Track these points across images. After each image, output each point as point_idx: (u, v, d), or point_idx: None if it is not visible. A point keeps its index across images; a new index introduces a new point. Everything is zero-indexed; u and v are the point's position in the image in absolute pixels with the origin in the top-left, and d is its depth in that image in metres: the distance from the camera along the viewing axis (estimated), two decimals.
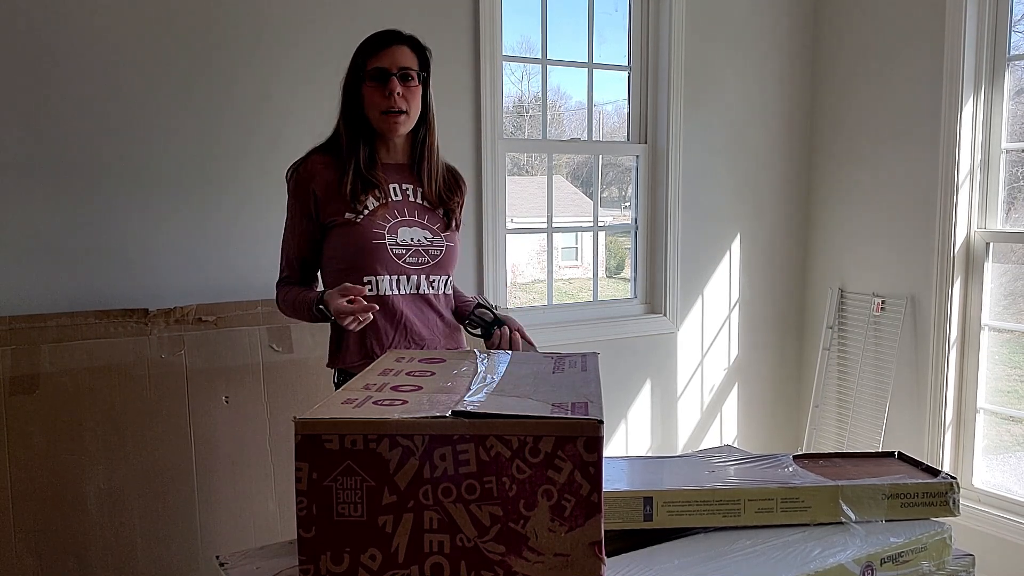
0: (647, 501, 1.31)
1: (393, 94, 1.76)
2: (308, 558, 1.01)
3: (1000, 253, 3.06)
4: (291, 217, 1.86)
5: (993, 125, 3.01)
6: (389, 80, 1.76)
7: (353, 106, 1.82)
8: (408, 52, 1.80)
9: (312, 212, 1.82)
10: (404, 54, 1.79)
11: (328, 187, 1.80)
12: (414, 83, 1.80)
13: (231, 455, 2.26)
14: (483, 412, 1.02)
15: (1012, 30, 2.95)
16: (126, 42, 2.23)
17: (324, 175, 1.81)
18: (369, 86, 1.78)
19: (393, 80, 1.76)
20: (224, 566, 1.26)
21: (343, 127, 1.83)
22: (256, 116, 2.41)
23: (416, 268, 1.82)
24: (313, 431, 1.00)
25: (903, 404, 3.23)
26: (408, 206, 1.85)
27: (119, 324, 2.15)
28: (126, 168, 2.26)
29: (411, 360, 1.40)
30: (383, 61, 1.77)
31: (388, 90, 1.76)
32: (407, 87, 1.78)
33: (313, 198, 1.80)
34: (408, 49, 1.80)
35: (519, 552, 1.01)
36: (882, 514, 1.38)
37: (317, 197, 1.80)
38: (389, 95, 1.76)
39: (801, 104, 3.52)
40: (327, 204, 1.80)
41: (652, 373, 3.26)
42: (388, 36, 1.80)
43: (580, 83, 3.15)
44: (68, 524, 2.06)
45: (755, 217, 3.46)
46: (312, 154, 1.85)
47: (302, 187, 1.81)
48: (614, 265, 3.66)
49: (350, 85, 1.82)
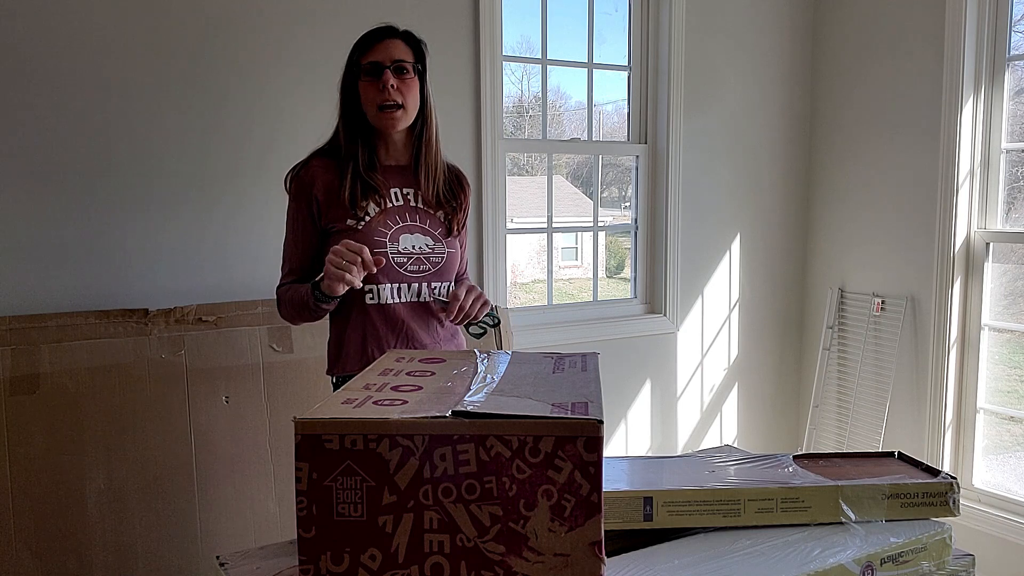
0: (647, 501, 1.31)
1: (387, 86, 1.74)
2: (308, 558, 1.01)
3: (1000, 253, 3.06)
4: (292, 222, 1.83)
5: (993, 125, 3.01)
6: (383, 73, 1.75)
7: (351, 105, 1.80)
8: (402, 45, 1.79)
9: (314, 217, 1.80)
10: (398, 47, 1.78)
11: (329, 192, 1.78)
12: (409, 76, 1.78)
13: (231, 455, 2.26)
14: (483, 412, 1.02)
15: (1012, 30, 2.95)
16: (126, 43, 2.23)
17: (325, 179, 1.79)
18: (364, 81, 1.77)
19: (387, 73, 1.74)
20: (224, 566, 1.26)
21: (342, 127, 1.82)
22: (254, 116, 2.41)
23: (417, 276, 1.81)
24: (313, 431, 1.00)
25: (903, 404, 3.23)
26: (409, 211, 1.83)
27: (119, 324, 2.15)
28: (126, 168, 2.26)
29: (411, 360, 1.40)
30: (377, 55, 1.76)
31: (382, 83, 1.74)
32: (402, 80, 1.76)
33: (315, 203, 1.79)
34: (402, 42, 1.79)
35: (519, 552, 1.01)
36: (882, 514, 1.38)
37: (319, 202, 1.79)
38: (384, 88, 1.74)
39: (801, 104, 3.52)
40: (328, 210, 1.78)
41: (652, 373, 3.26)
42: (382, 31, 1.80)
43: (580, 83, 3.15)
44: (68, 524, 2.06)
45: (755, 217, 3.46)
46: (312, 158, 1.83)
47: (303, 192, 1.80)
48: (614, 265, 3.66)
49: (347, 84, 1.81)
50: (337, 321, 1.85)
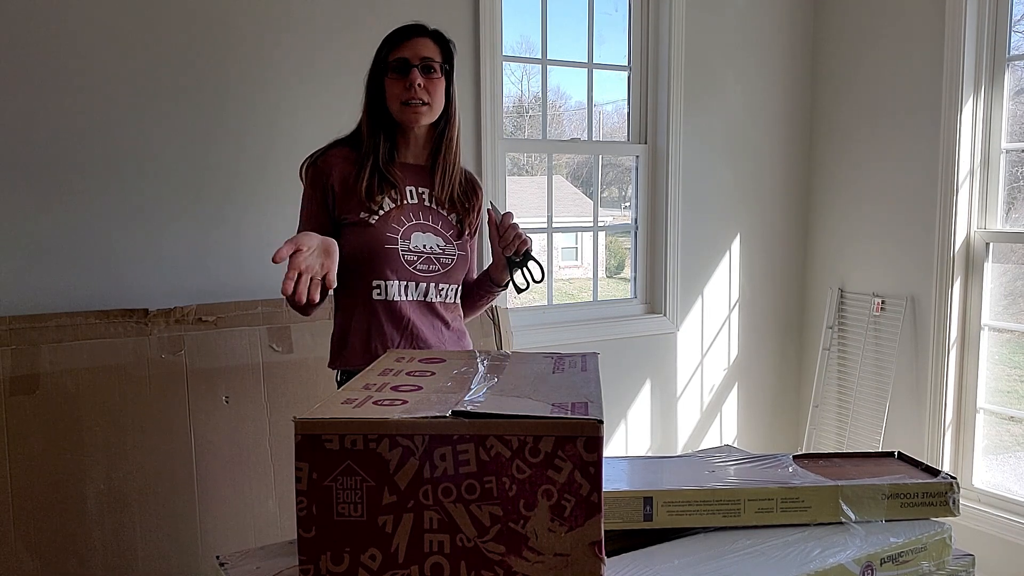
0: (647, 501, 1.31)
1: (414, 85, 1.74)
2: (308, 558, 1.01)
3: (1000, 253, 3.06)
4: (307, 209, 1.81)
5: (993, 125, 3.01)
6: (410, 71, 1.75)
7: (376, 99, 1.80)
8: (431, 44, 1.79)
9: (328, 206, 1.79)
10: (427, 46, 1.78)
11: (345, 182, 1.78)
12: (436, 75, 1.78)
13: (231, 455, 2.26)
14: (483, 412, 1.02)
15: (1012, 30, 2.95)
16: (127, 43, 2.23)
17: (343, 169, 1.79)
18: (391, 78, 1.77)
19: (414, 71, 1.74)
20: (224, 566, 1.26)
21: (365, 121, 1.81)
22: (255, 116, 2.41)
23: (426, 275, 1.81)
24: (313, 431, 1.00)
25: (903, 404, 3.23)
26: (423, 210, 1.83)
27: (119, 324, 2.15)
28: (126, 168, 2.26)
29: (411, 360, 1.40)
30: (405, 52, 1.76)
31: (409, 81, 1.74)
32: (429, 79, 1.76)
33: (331, 192, 1.78)
34: (431, 41, 1.79)
35: (519, 552, 1.01)
36: (882, 514, 1.38)
37: (335, 191, 1.78)
38: (410, 86, 1.74)
39: (801, 104, 3.52)
40: (343, 200, 1.78)
41: (652, 373, 3.26)
42: (411, 29, 1.79)
43: (580, 83, 3.15)
44: (68, 524, 2.06)
45: (755, 217, 3.46)
46: (332, 147, 1.83)
47: (319, 179, 1.79)
48: (614, 265, 3.66)
49: (373, 78, 1.81)
50: (342, 314, 1.84)
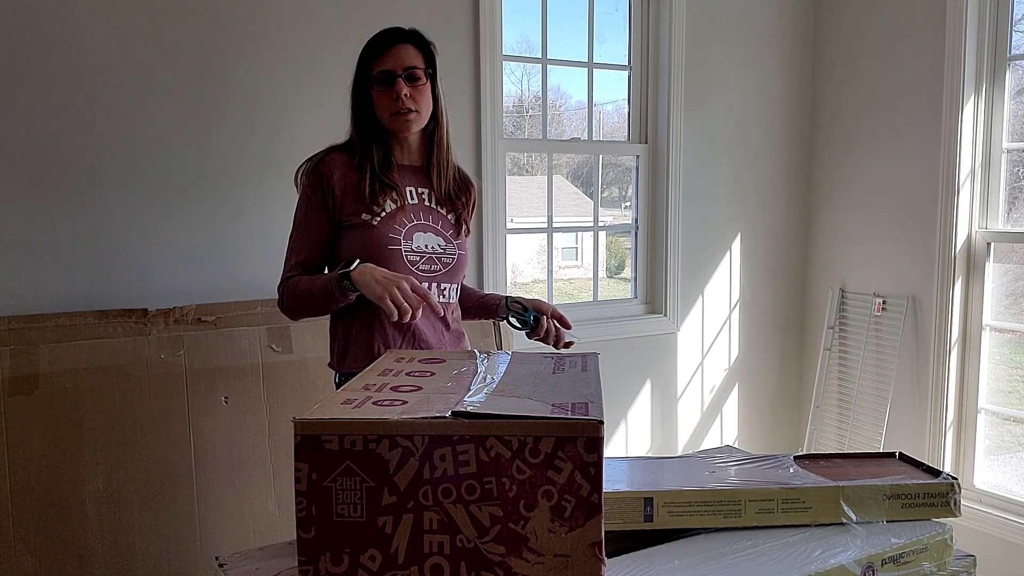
0: (647, 502, 1.31)
1: (401, 96, 1.74)
2: (308, 559, 1.01)
3: (1001, 253, 3.06)
4: (305, 214, 1.81)
5: (994, 125, 3.00)
6: (395, 82, 1.75)
7: (363, 110, 1.80)
8: (412, 50, 1.78)
9: (329, 209, 1.78)
10: (408, 53, 1.77)
11: (346, 185, 1.78)
12: (421, 82, 1.78)
13: (231, 455, 2.26)
14: (483, 412, 1.02)
15: (1013, 30, 2.94)
16: (126, 41, 2.23)
17: (342, 172, 1.78)
18: (377, 90, 1.77)
19: (399, 82, 1.75)
20: (223, 567, 1.25)
21: (355, 132, 1.82)
22: (255, 115, 2.41)
23: (428, 275, 1.81)
24: (313, 431, 1.00)
25: (904, 404, 3.23)
26: (423, 210, 1.83)
27: (118, 324, 2.15)
28: (125, 169, 2.25)
29: (411, 360, 1.39)
30: (388, 63, 1.76)
31: (395, 92, 1.74)
32: (414, 87, 1.77)
33: (331, 195, 1.78)
34: (412, 47, 1.79)
35: (519, 553, 1.00)
36: (883, 515, 1.38)
37: (335, 194, 1.78)
38: (397, 97, 1.74)
39: (801, 104, 3.52)
40: (345, 203, 1.77)
41: (652, 373, 3.26)
42: (390, 36, 1.79)
43: (580, 83, 3.14)
44: (68, 524, 2.06)
45: (755, 217, 3.45)
46: (330, 152, 1.82)
47: (320, 183, 1.78)
48: (614, 265, 3.65)
49: (358, 90, 1.81)
50: (343, 316, 1.83)
